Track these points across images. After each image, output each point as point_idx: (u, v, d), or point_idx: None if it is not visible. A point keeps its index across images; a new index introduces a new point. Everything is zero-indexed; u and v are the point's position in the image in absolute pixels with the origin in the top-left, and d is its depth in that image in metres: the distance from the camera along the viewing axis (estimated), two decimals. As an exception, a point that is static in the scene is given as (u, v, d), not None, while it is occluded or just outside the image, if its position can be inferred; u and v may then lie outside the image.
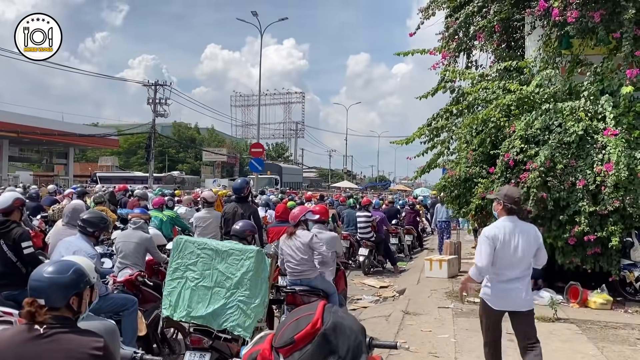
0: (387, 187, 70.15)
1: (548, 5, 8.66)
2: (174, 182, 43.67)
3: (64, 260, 2.57)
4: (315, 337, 1.50)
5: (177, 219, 10.01)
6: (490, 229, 4.52)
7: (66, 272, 2.38)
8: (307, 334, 1.50)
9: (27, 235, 5.09)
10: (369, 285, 10.79)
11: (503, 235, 4.41)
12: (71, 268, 2.41)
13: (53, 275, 2.35)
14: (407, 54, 11.54)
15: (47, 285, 2.33)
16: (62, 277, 2.36)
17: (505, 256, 4.40)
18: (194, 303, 4.36)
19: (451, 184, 9.52)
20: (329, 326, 1.51)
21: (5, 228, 5.02)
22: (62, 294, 2.34)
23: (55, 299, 2.33)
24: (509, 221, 4.49)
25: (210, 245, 4.51)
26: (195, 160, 72.38)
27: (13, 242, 4.96)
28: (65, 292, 2.35)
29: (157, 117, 40.92)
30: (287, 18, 45.17)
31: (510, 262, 4.42)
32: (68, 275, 2.37)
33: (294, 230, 5.73)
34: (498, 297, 4.51)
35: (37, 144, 47.73)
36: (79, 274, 2.41)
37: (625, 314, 7.74)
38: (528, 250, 4.46)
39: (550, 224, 8.23)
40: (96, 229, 4.85)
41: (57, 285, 2.34)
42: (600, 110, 8.20)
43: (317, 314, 1.55)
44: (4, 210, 5.19)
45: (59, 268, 2.40)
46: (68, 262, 2.49)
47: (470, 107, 10.42)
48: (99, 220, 4.90)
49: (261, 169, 28.24)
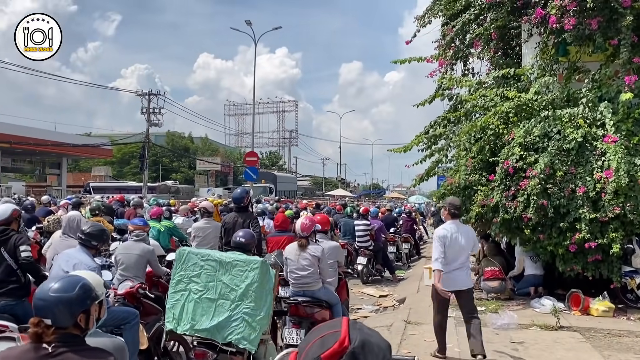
0: (382, 195, 70.22)
1: (545, 12, 8.69)
2: (168, 191, 43.49)
3: (70, 276, 2.46)
4: (344, 356, 1.45)
5: (175, 230, 9.92)
6: (440, 231, 5.90)
7: (72, 290, 2.28)
8: (334, 352, 1.46)
9: (25, 240, 5.04)
10: (369, 295, 10.72)
11: (450, 234, 5.80)
12: (77, 284, 2.31)
13: (59, 294, 2.25)
14: (403, 62, 11.52)
15: (53, 305, 2.23)
16: (69, 295, 2.26)
17: (452, 251, 5.78)
18: (198, 316, 4.28)
19: (451, 192, 9.47)
20: (358, 344, 1.46)
21: (4, 236, 4.95)
22: (69, 313, 2.25)
23: (62, 318, 2.23)
24: (453, 224, 5.93)
25: (214, 257, 4.43)
26: (189, 170, 72.18)
27: (13, 247, 4.90)
28: (72, 310, 2.26)
29: (151, 126, 40.75)
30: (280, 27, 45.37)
31: (455, 255, 5.79)
32: (75, 292, 2.28)
33: (306, 242, 5.66)
34: (447, 281, 5.71)
35: (30, 154, 47.43)
36: (85, 290, 2.32)
37: (628, 321, 7.70)
38: (467, 246, 5.88)
39: (550, 231, 8.20)
40: (98, 242, 4.79)
41: (63, 304, 2.24)
42: (599, 117, 8.21)
43: (344, 331, 1.50)
44: (2, 222, 5.11)
45: (65, 285, 2.29)
46: (74, 278, 2.39)
47: (468, 115, 10.43)
48: (100, 232, 4.84)
49: (256, 178, 28.08)
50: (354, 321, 1.59)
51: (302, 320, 5.53)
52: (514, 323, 7.39)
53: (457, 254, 5.79)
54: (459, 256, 5.83)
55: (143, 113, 40.39)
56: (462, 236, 5.85)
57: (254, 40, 32.97)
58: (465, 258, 5.91)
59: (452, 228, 5.85)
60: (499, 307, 8.51)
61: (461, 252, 5.83)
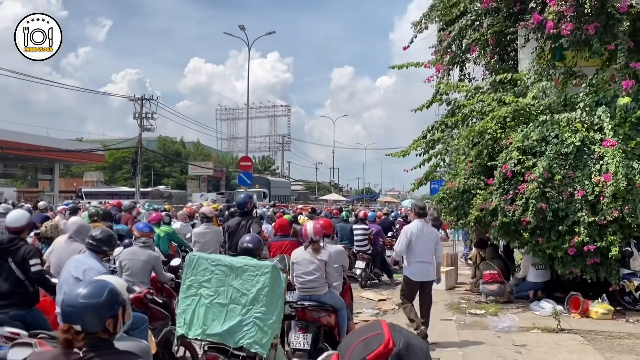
0: (375, 199, 70.27)
1: (542, 18, 8.79)
2: (161, 196, 43.32)
3: (97, 281, 2.47)
4: (389, 358, 1.48)
5: (174, 235, 9.90)
6: (408, 227, 7.03)
7: (101, 295, 2.29)
8: (380, 354, 1.49)
9: (35, 253, 4.98)
10: (368, 299, 10.74)
11: (416, 231, 6.81)
12: (105, 289, 2.32)
13: (88, 300, 2.25)
14: (401, 67, 11.59)
15: (82, 311, 2.23)
16: (98, 301, 2.27)
17: (418, 245, 6.76)
18: (209, 320, 4.29)
19: (449, 196, 9.55)
20: (402, 346, 1.50)
21: (13, 246, 4.89)
22: (98, 319, 2.26)
23: (91, 324, 2.24)
24: (419, 222, 6.95)
25: (224, 262, 4.44)
26: (181, 175, 71.94)
27: (22, 259, 4.85)
28: (101, 316, 2.27)
29: (144, 131, 40.63)
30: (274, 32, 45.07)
31: (421, 250, 6.78)
32: (103, 298, 2.28)
33: (319, 246, 5.69)
34: (416, 273, 6.85)
35: (22, 159, 47.11)
36: (113, 295, 2.33)
37: (627, 323, 7.79)
38: (430, 243, 6.88)
39: (549, 235, 8.29)
40: (108, 247, 4.80)
41: (92, 310, 2.25)
42: (596, 121, 8.32)
43: (387, 333, 1.54)
44: (18, 228, 5.07)
45: (93, 291, 2.30)
46: (102, 283, 2.40)
47: (466, 119, 10.51)
48: (109, 237, 4.85)
49: (250, 183, 28.04)
50: (393, 324, 1.62)
51: (309, 325, 5.54)
52: (515, 326, 7.45)
53: (422, 249, 6.79)
54: (425, 251, 6.81)
55: (135, 118, 40.24)
56: (427, 234, 6.90)
57: (247, 45, 33.03)
58: (428, 253, 6.85)
59: (418, 226, 6.88)
60: (498, 310, 8.58)
61: (425, 248, 6.82)
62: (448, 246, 15.16)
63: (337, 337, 5.65)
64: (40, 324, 4.64)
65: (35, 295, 4.97)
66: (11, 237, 4.96)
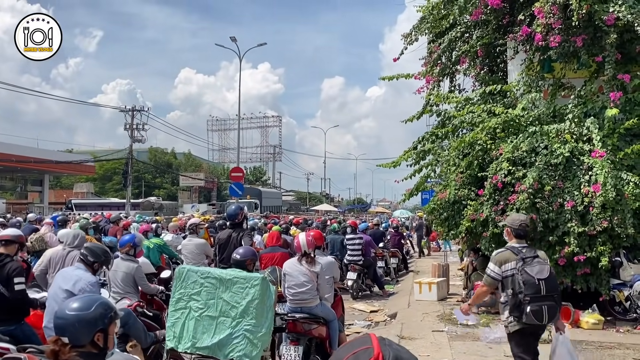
0: (366, 209, 70.30)
1: (531, 30, 8.87)
2: (151, 208, 43.10)
3: (89, 295, 2.47)
4: (378, 372, 1.48)
5: (165, 247, 9.85)
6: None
7: (90, 308, 2.29)
8: (369, 368, 1.48)
9: (20, 271, 4.87)
10: (359, 310, 10.73)
11: None
12: (95, 302, 2.32)
13: (77, 312, 2.25)
14: (391, 78, 11.67)
15: (70, 323, 2.24)
16: (87, 314, 2.26)
17: None
18: (199, 333, 4.28)
19: (440, 207, 9.57)
20: (391, 360, 1.49)
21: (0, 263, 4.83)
22: (86, 331, 2.25)
23: (79, 336, 2.24)
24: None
25: (214, 274, 4.44)
26: (172, 186, 71.70)
27: (7, 277, 4.76)
28: (89, 328, 2.26)
29: (135, 142, 40.52)
30: (265, 43, 45.71)
31: None
32: (92, 310, 2.28)
33: (312, 259, 5.68)
34: None
35: (12, 171, 46.80)
36: (104, 308, 2.32)
37: (617, 333, 7.81)
38: None
39: (539, 245, 8.27)
40: (97, 261, 4.75)
41: (80, 322, 2.24)
42: (585, 132, 8.38)
43: (376, 347, 1.53)
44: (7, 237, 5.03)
45: (83, 304, 2.30)
46: (93, 296, 2.40)
47: (456, 131, 10.57)
48: (101, 252, 4.80)
49: (241, 194, 27.97)
50: (382, 337, 1.62)
51: (300, 337, 5.52)
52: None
53: None
54: None
55: (126, 129, 40.16)
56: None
57: (239, 57, 33.10)
58: None
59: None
60: (490, 320, 8.58)
61: None
62: (439, 257, 15.16)
63: (328, 350, 5.63)
64: (29, 338, 4.59)
65: (23, 309, 4.91)
66: None
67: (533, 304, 4.49)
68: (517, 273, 4.60)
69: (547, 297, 4.54)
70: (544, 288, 4.52)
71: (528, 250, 4.75)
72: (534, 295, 4.49)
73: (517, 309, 4.58)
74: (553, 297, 4.58)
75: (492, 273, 4.76)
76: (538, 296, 4.50)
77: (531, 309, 4.48)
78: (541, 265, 4.64)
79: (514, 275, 4.63)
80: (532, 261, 4.64)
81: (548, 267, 4.67)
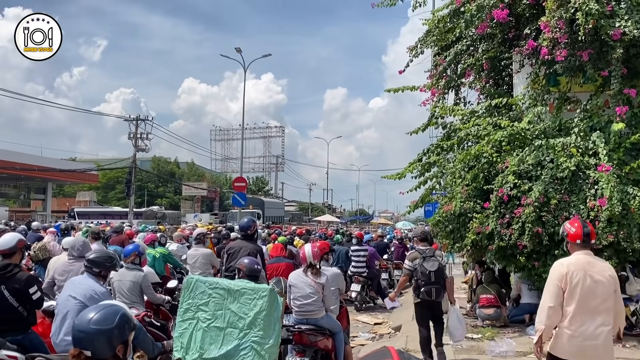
0: (369, 220, 70.26)
1: (537, 44, 8.90)
2: (154, 217, 43.16)
3: (108, 305, 2.44)
4: (399, 386, 1.49)
5: (170, 256, 9.86)
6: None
7: (112, 322, 2.26)
8: (389, 382, 1.50)
9: (32, 280, 4.82)
10: (363, 322, 10.69)
11: None
12: (117, 315, 2.29)
13: (100, 327, 2.22)
14: (397, 90, 11.70)
15: (93, 337, 2.20)
16: (110, 327, 2.24)
17: None
18: (207, 344, 4.27)
19: (445, 219, 9.56)
20: (412, 374, 1.52)
21: (7, 273, 4.71)
22: (109, 345, 2.23)
23: (102, 350, 2.21)
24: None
25: (222, 285, 4.44)
26: (175, 195, 71.79)
27: (18, 289, 4.66)
28: (112, 342, 2.24)
29: (138, 151, 40.65)
30: (270, 54, 45.78)
31: None
32: (115, 324, 2.26)
33: (318, 270, 5.67)
34: None
35: (15, 179, 46.94)
36: (125, 321, 2.31)
37: (624, 348, 7.76)
38: None
39: (545, 259, 8.29)
40: (102, 269, 4.73)
41: (103, 336, 2.22)
42: (591, 146, 8.38)
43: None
44: (6, 251, 4.95)
45: (105, 317, 2.26)
46: (113, 308, 2.36)
47: (461, 143, 10.58)
48: (104, 259, 4.78)
49: (244, 203, 28.12)
50: (401, 350, 1.62)
51: (306, 349, 5.51)
52: (512, 350, 7.42)
53: None
54: None
55: (130, 138, 40.32)
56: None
57: (243, 68, 33.20)
58: None
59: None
60: (495, 334, 8.54)
61: None
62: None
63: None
64: (37, 347, 4.57)
65: (31, 318, 4.88)
66: (5, 264, 4.81)
67: (426, 287, 6.75)
68: (419, 266, 6.77)
69: (435, 282, 6.74)
70: (433, 276, 6.71)
71: (429, 251, 6.89)
72: (427, 280, 6.73)
73: (417, 290, 6.89)
74: (440, 283, 6.79)
75: (407, 266, 6.98)
76: (429, 282, 6.73)
77: (424, 290, 6.76)
78: (434, 262, 6.77)
79: (416, 268, 6.79)
80: (429, 259, 6.78)
81: (438, 263, 6.81)
